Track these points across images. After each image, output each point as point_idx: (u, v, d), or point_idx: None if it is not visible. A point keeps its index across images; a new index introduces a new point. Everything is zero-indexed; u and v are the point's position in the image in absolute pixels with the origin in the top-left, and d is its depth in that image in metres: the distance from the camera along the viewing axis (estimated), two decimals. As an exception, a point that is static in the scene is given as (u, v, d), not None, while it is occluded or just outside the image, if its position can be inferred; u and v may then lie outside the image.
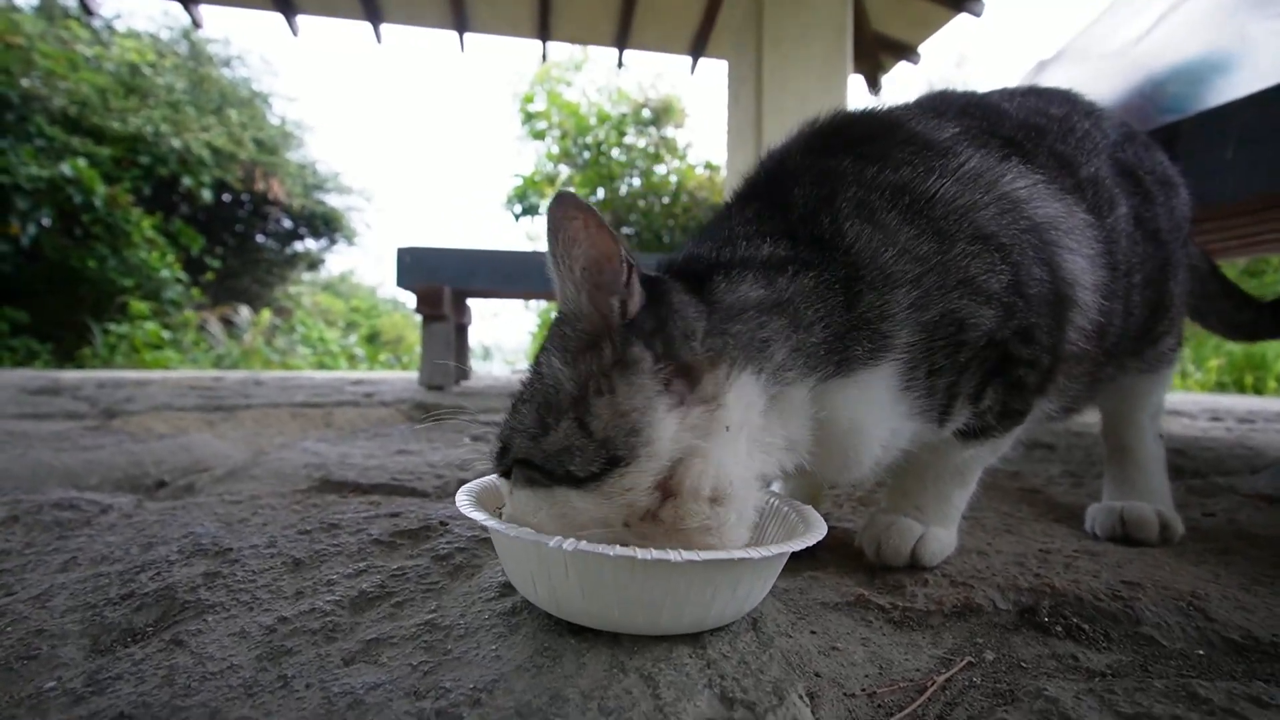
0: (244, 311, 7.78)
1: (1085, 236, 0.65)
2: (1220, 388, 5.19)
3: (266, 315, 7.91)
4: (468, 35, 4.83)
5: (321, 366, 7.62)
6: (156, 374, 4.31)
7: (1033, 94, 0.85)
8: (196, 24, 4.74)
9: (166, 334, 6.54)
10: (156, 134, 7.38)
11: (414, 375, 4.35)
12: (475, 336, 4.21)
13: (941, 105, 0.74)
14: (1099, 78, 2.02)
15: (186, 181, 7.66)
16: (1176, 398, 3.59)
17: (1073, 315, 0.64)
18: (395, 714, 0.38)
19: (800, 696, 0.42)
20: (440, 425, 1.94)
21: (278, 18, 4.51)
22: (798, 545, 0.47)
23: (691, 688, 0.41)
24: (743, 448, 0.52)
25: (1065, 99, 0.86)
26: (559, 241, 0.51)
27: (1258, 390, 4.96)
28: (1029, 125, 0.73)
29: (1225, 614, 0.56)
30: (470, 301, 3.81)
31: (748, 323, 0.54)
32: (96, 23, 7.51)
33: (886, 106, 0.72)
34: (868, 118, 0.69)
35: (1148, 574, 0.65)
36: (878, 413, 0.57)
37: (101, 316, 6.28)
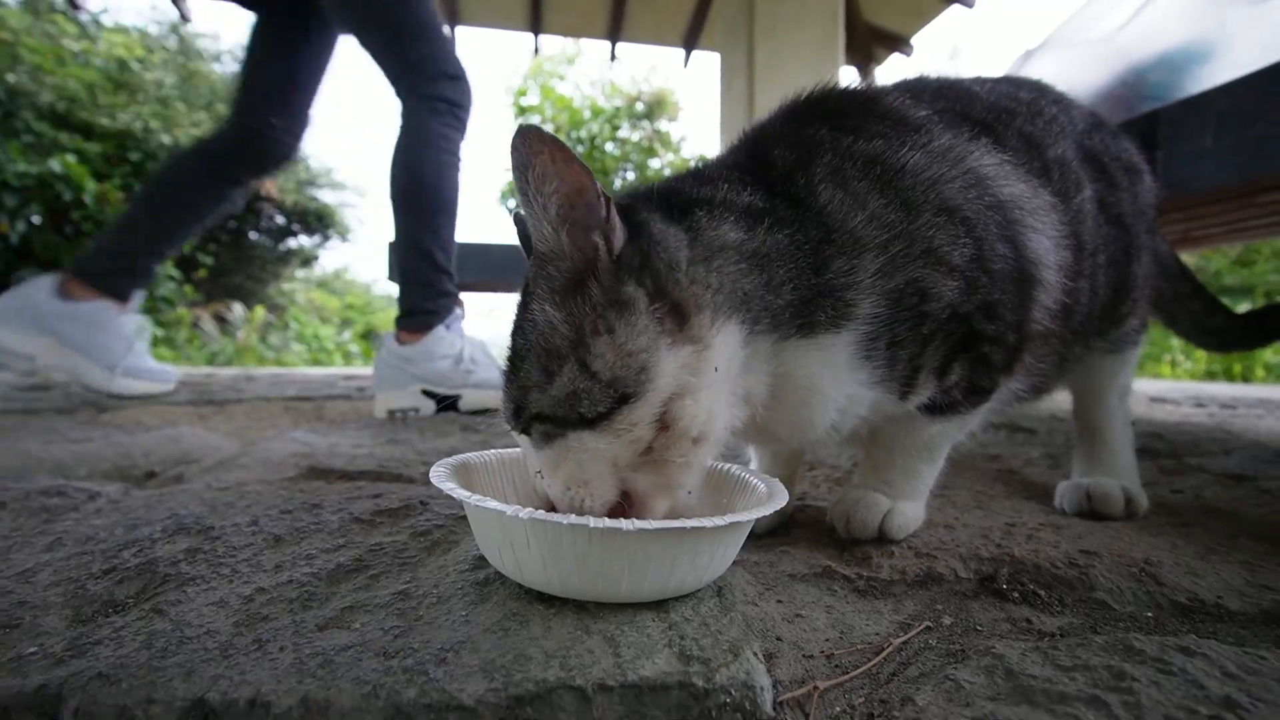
0: (237, 309, 7.77)
1: (1049, 218, 0.67)
2: (1210, 376, 5.24)
3: (260, 312, 7.90)
4: (459, 28, 4.81)
5: (316, 363, 7.62)
6: (149, 370, 4.30)
7: (1005, 81, 0.86)
8: (185, 18, 4.71)
9: (159, 331, 6.53)
10: (146, 130, 7.33)
11: (408, 370, 4.34)
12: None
13: (917, 88, 0.75)
14: (1083, 66, 2.03)
15: (178, 178, 7.61)
16: (1165, 386, 3.63)
17: (1037, 294, 0.66)
18: (364, 671, 0.39)
19: (755, 654, 0.44)
20: (431, 418, 1.95)
21: (266, 11, 4.48)
22: (755, 514, 0.49)
23: (651, 647, 0.43)
24: (725, 394, 0.55)
25: (1035, 86, 0.88)
26: (529, 179, 0.50)
27: (1245, 378, 5.01)
28: (999, 108, 0.75)
29: (1175, 579, 0.58)
30: (465, 296, 3.81)
31: (728, 266, 0.55)
32: (83, 17, 7.43)
33: (866, 86, 0.74)
34: (846, 93, 0.71)
35: (1106, 544, 0.67)
36: (835, 376, 0.59)
37: (94, 314, 6.25)
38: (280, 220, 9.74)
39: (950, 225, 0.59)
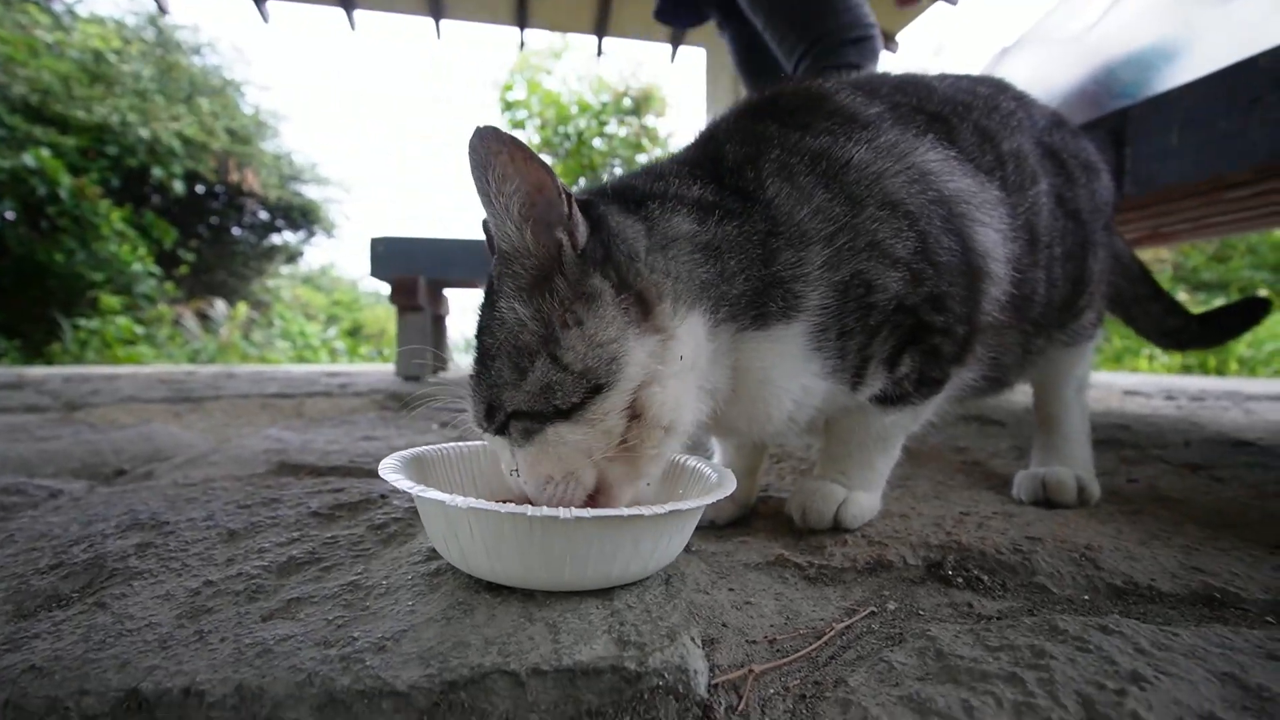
0: (220, 305, 7.66)
1: (997, 211, 0.68)
2: (1185, 370, 5.33)
3: (243, 309, 7.80)
4: (444, 22, 4.76)
5: (301, 360, 7.54)
6: (126, 369, 4.24)
7: (965, 78, 0.88)
8: (162, 10, 4.62)
9: (139, 329, 6.43)
10: (124, 123, 7.20)
11: (392, 368, 4.32)
12: (456, 328, 4.19)
13: (877, 83, 0.76)
14: (1056, 64, 2.06)
15: (157, 172, 7.49)
16: (1139, 379, 3.69)
17: (986, 286, 0.67)
18: (301, 660, 0.40)
19: (693, 639, 0.44)
20: (410, 413, 1.95)
21: (247, 3, 4.41)
22: (696, 503, 0.49)
23: (591, 633, 0.43)
24: (692, 386, 0.57)
25: (995, 83, 0.89)
26: (489, 179, 0.51)
27: (1219, 372, 5.11)
28: (956, 101, 0.76)
29: (1114, 563, 0.60)
30: (451, 293, 3.79)
31: (683, 255, 0.57)
32: (57, 7, 7.27)
33: (818, 83, 0.75)
34: (798, 90, 0.72)
35: (1052, 531, 0.69)
36: (788, 367, 0.61)
37: (71, 311, 6.14)
38: (263, 216, 9.61)
39: (894, 219, 0.60)
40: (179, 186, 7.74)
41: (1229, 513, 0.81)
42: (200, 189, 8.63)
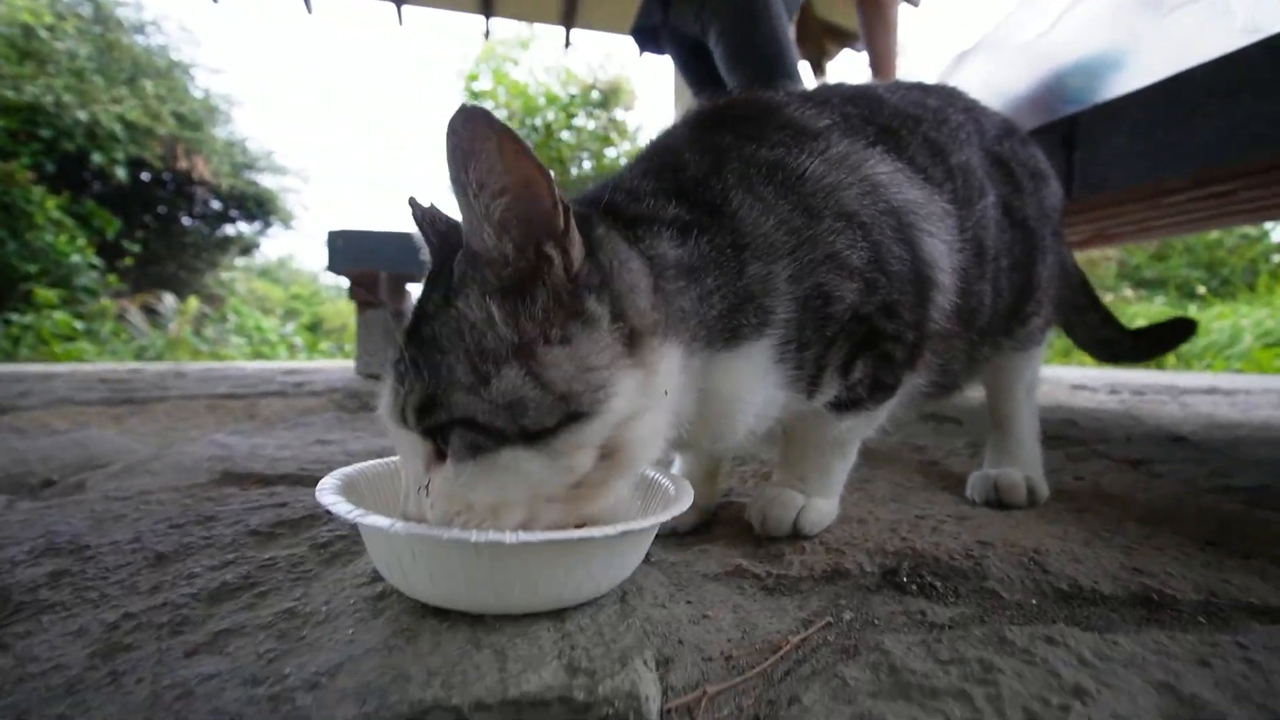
0: (168, 299, 7.30)
1: (944, 223, 0.69)
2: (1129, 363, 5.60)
3: (194, 303, 7.45)
4: (406, 8, 4.61)
5: (258, 357, 7.25)
6: (65, 367, 4.00)
7: (917, 88, 0.89)
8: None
9: (79, 324, 6.07)
10: (58, 104, 6.75)
11: (353, 364, 4.20)
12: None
13: (829, 94, 0.76)
14: (1010, 69, 2.12)
15: (97, 158, 7.06)
16: (1085, 373, 3.86)
17: (934, 295, 0.68)
18: (224, 702, 0.37)
19: (645, 662, 0.43)
20: (371, 415, 1.89)
21: (191, -19, 4.18)
22: (649, 522, 0.48)
23: (540, 660, 0.42)
24: (665, 421, 0.54)
25: (946, 93, 0.90)
26: (470, 172, 0.43)
27: (1159, 365, 5.39)
28: (905, 114, 0.76)
29: (1059, 566, 0.62)
30: (414, 288, 3.69)
31: (670, 285, 0.53)
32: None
33: (768, 94, 0.74)
34: (749, 101, 0.71)
35: (1002, 534, 0.71)
36: (754, 383, 0.60)
37: (2, 306, 5.76)
38: (215, 205, 9.19)
39: (849, 230, 0.60)
40: (122, 173, 7.32)
41: (1165, 509, 0.85)
42: (146, 176, 8.18)
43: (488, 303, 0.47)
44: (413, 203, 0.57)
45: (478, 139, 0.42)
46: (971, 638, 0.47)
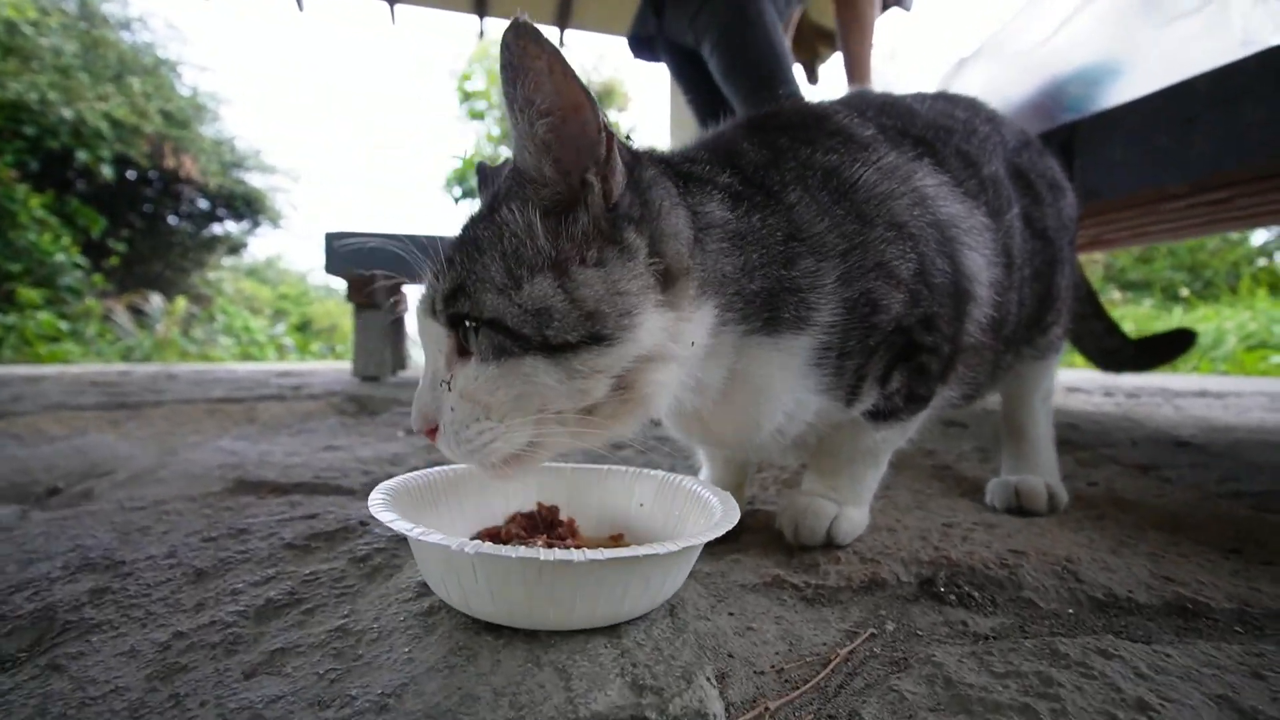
0: (155, 299, 7.19)
1: (983, 237, 0.70)
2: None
3: (182, 303, 7.34)
4: (399, 7, 4.57)
5: (247, 358, 7.16)
6: (52, 369, 3.92)
7: (941, 98, 0.90)
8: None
9: (64, 325, 5.96)
10: (43, 101, 6.63)
11: (347, 366, 4.16)
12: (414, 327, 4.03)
13: (862, 104, 0.77)
14: (1011, 76, 2.14)
15: (82, 156, 6.94)
16: (1079, 375, 3.92)
17: (971, 308, 0.69)
18: (295, 726, 0.37)
19: (708, 679, 0.44)
20: (374, 419, 1.88)
21: (182, -22, 4.12)
22: (707, 537, 0.49)
23: (604, 678, 0.42)
24: (686, 377, 0.55)
25: (969, 104, 0.91)
26: (518, 88, 0.44)
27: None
28: (938, 125, 0.77)
29: (1093, 575, 0.63)
30: (411, 290, 3.66)
31: (713, 243, 0.55)
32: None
33: (815, 103, 0.75)
34: (798, 109, 0.72)
35: (1032, 542, 0.72)
36: (787, 379, 0.60)
37: (-16, 306, 5.64)
38: (203, 204, 9.06)
39: (899, 240, 0.61)
40: (107, 171, 7.20)
41: (1181, 515, 0.86)
42: (132, 175, 8.05)
43: (531, 214, 0.49)
44: (480, 167, 0.60)
45: (528, 55, 0.43)
46: (1023, 650, 0.47)
